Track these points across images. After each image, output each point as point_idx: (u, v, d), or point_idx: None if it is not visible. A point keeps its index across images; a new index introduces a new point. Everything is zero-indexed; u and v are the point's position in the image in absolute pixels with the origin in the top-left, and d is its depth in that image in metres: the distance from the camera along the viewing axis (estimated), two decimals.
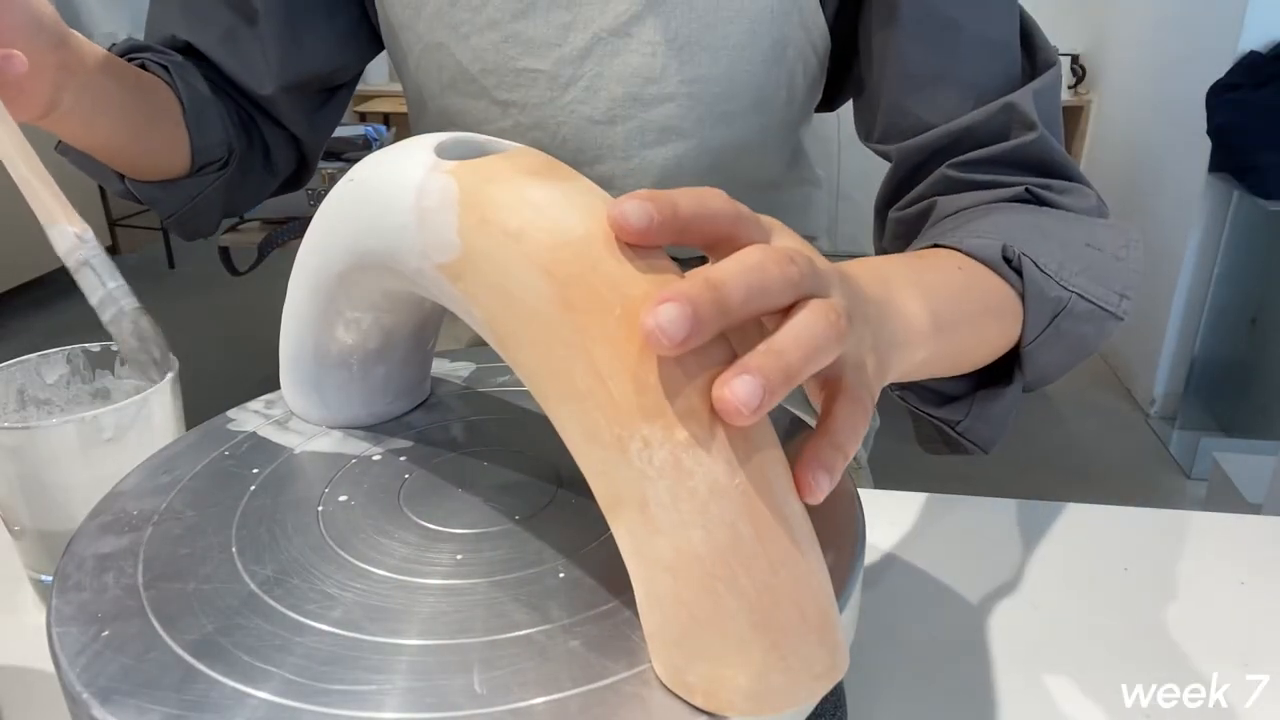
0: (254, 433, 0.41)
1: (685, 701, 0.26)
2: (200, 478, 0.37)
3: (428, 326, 0.42)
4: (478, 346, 0.72)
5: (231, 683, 0.27)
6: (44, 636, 0.30)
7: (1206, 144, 2.11)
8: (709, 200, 0.28)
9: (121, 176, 0.64)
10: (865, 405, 0.30)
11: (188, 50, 0.65)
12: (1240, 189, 2.08)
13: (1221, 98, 2.06)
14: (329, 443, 0.41)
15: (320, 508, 0.35)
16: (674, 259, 0.29)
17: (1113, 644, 0.48)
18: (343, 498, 0.36)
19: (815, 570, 0.26)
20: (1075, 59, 2.92)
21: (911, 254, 0.49)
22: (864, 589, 0.49)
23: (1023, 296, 0.47)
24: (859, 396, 0.30)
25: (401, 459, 0.39)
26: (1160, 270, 2.35)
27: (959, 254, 0.47)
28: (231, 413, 0.43)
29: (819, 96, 0.69)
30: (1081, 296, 0.48)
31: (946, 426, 0.51)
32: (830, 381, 0.31)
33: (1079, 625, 0.49)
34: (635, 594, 0.27)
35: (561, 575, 0.32)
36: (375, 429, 0.42)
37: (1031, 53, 0.57)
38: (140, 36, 0.67)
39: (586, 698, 0.26)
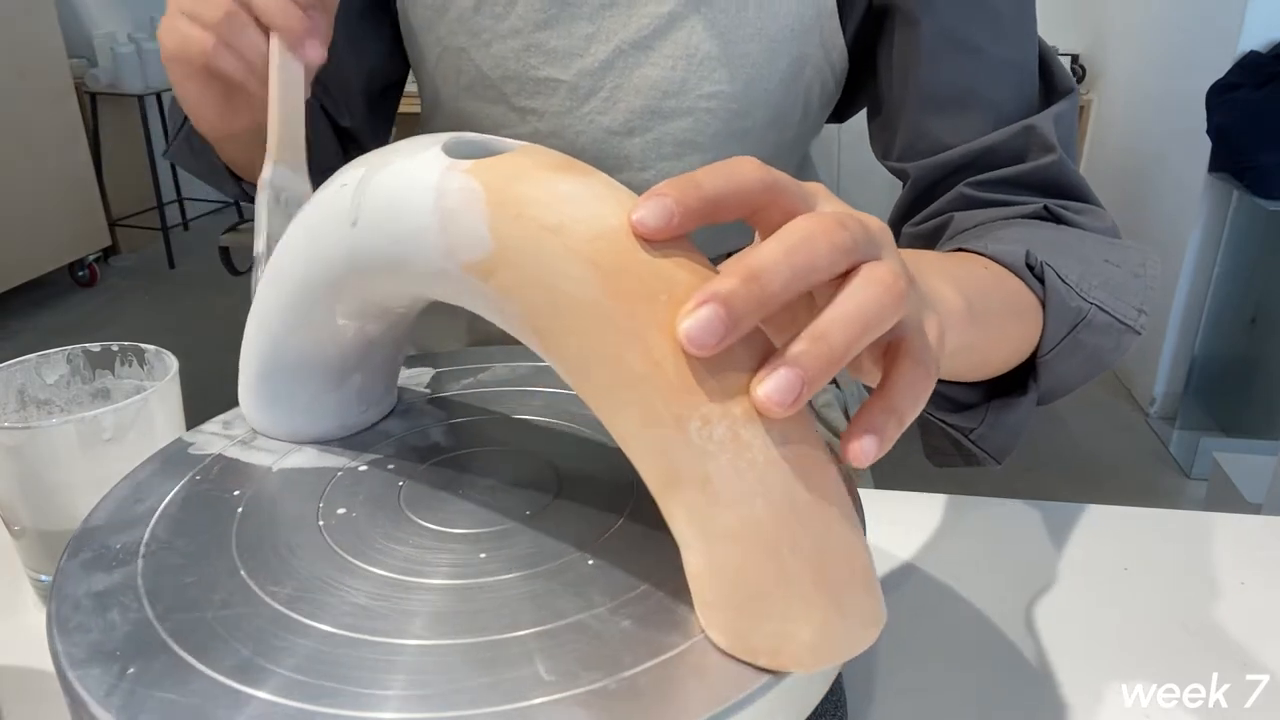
0: (220, 454, 0.40)
1: (749, 664, 0.27)
2: (177, 505, 0.36)
3: (406, 333, 0.41)
4: (479, 346, 0.72)
5: (319, 708, 0.26)
6: (44, 637, 0.30)
7: (1206, 144, 2.11)
8: (739, 174, 0.28)
9: (239, 180, 0.64)
10: (928, 368, 0.29)
11: None
12: (1240, 189, 2.08)
13: (1221, 98, 2.06)
14: (305, 458, 0.39)
15: (321, 522, 0.35)
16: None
17: (1113, 644, 0.48)
18: (341, 510, 0.36)
19: (856, 527, 0.28)
20: (1075, 59, 2.92)
21: (937, 252, 0.49)
22: None
23: (1044, 304, 0.47)
24: (922, 359, 0.29)
25: (389, 467, 0.39)
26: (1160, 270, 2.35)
27: (984, 257, 0.47)
28: (188, 436, 0.41)
29: (828, 114, 0.69)
30: (1101, 309, 0.48)
31: (960, 434, 0.51)
32: (892, 345, 0.29)
33: (1079, 625, 0.49)
34: (690, 569, 0.28)
35: (591, 563, 0.32)
36: (349, 441, 0.41)
37: (1049, 79, 0.57)
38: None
39: (653, 673, 0.27)
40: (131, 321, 3.16)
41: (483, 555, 0.33)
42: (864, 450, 0.27)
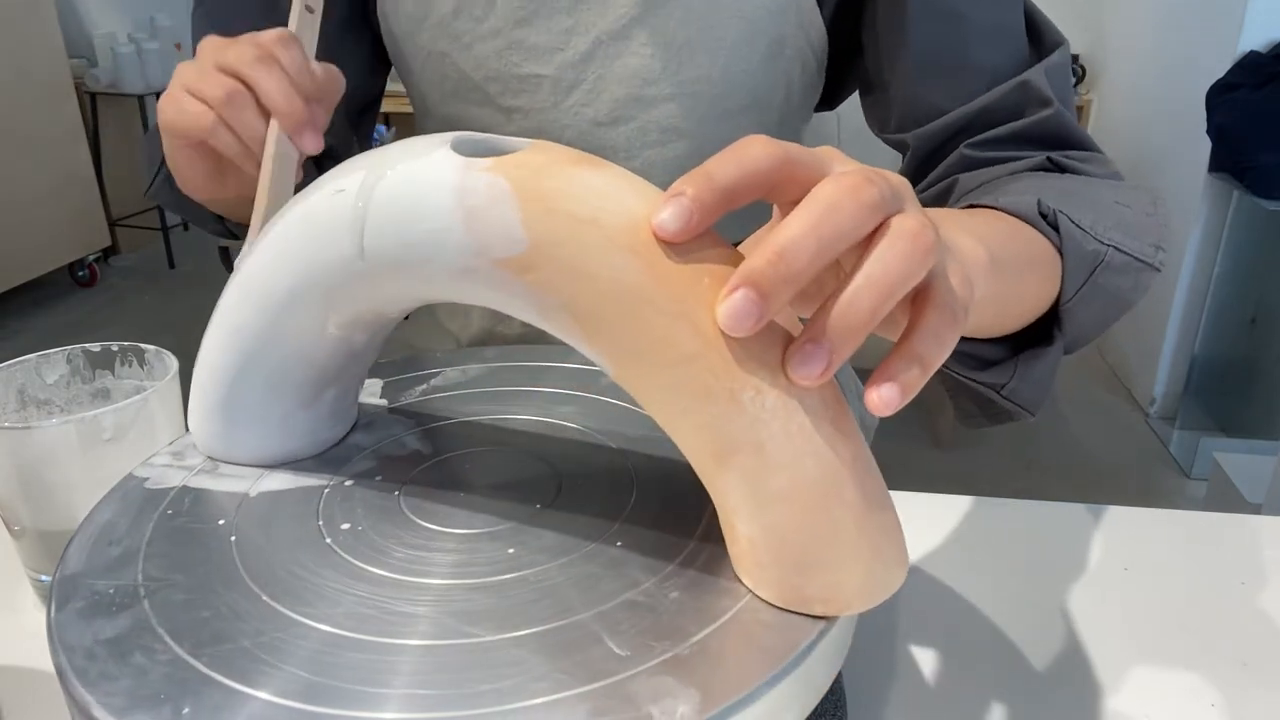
0: (185, 486, 0.38)
1: (803, 614, 0.29)
2: (159, 542, 0.34)
3: (384, 342, 0.41)
4: (478, 346, 0.72)
5: (381, 716, 0.26)
6: (44, 637, 0.30)
7: (1206, 144, 2.11)
8: (748, 156, 0.28)
9: (221, 219, 0.64)
10: (954, 314, 0.28)
11: None
12: (1240, 189, 2.08)
13: (1221, 98, 2.06)
14: (281, 481, 0.38)
15: (329, 540, 0.34)
16: None
17: (1113, 644, 0.48)
18: (345, 526, 0.35)
19: (879, 475, 0.30)
20: (1075, 59, 2.92)
21: (951, 209, 0.49)
22: None
23: (1060, 251, 0.47)
24: (948, 305, 0.28)
25: (377, 479, 0.38)
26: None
27: (996, 210, 0.48)
28: (139, 471, 0.39)
29: (818, 95, 0.69)
30: (1118, 249, 0.48)
31: (991, 390, 0.51)
32: (918, 294, 0.29)
33: (1079, 625, 0.49)
34: (740, 536, 0.29)
35: (619, 544, 0.33)
36: (321, 459, 0.40)
37: (1037, 37, 0.58)
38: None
39: (719, 635, 0.28)
40: (131, 321, 3.16)
41: (511, 550, 0.33)
42: (884, 399, 0.27)
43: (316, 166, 0.70)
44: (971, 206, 0.49)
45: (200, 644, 0.29)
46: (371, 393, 0.45)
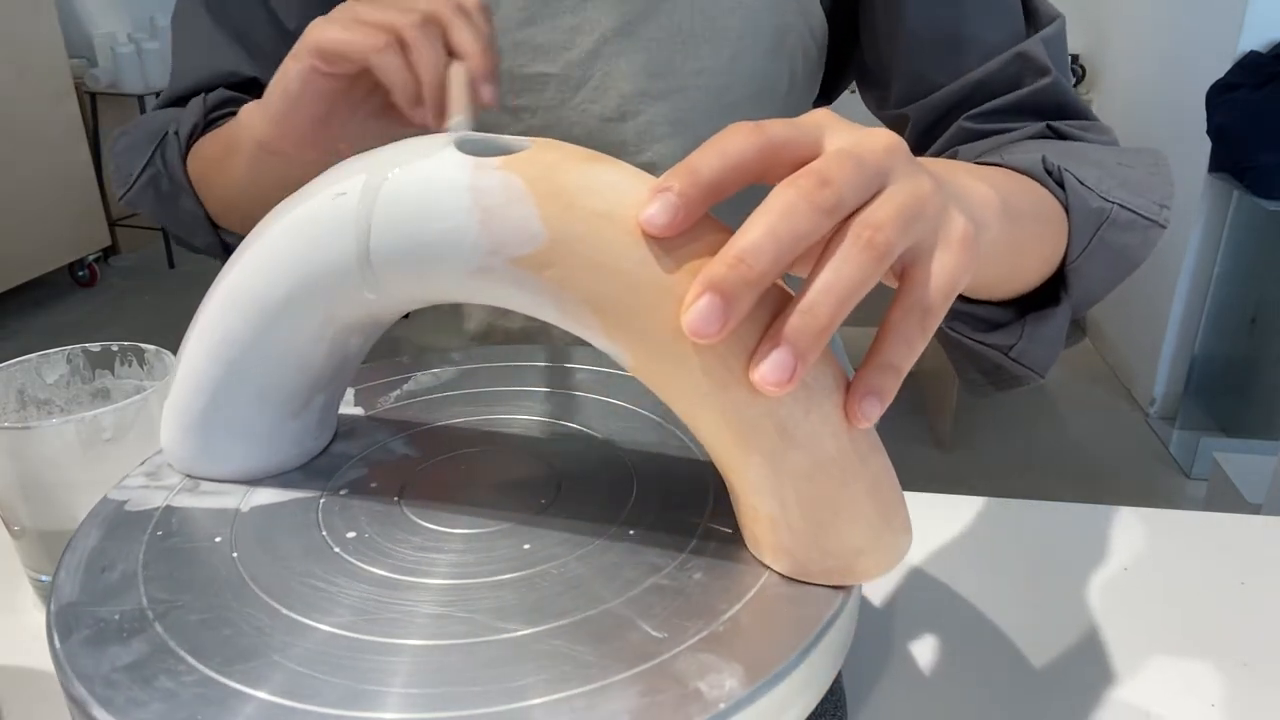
0: (168, 506, 0.36)
1: (823, 585, 0.31)
2: (157, 564, 0.33)
3: (371, 344, 0.40)
4: (478, 343, 0.72)
5: (410, 713, 0.26)
6: (44, 637, 0.30)
7: (1206, 144, 2.11)
8: (732, 149, 0.28)
9: (215, 228, 0.62)
10: (926, 309, 0.29)
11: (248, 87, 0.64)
12: (1240, 189, 2.08)
13: (1221, 98, 2.05)
14: (271, 494, 0.37)
15: (337, 549, 0.34)
16: None
17: (1113, 644, 0.48)
18: (350, 534, 0.34)
19: (883, 449, 0.32)
20: (1075, 59, 2.92)
21: (964, 162, 0.50)
22: (864, 589, 0.49)
23: (1066, 208, 0.48)
24: (919, 300, 0.29)
25: (372, 486, 0.38)
26: (1160, 270, 2.35)
27: (1002, 167, 0.48)
28: (114, 495, 0.37)
29: (818, 87, 0.70)
30: (1123, 206, 0.49)
31: (1000, 352, 0.51)
32: (904, 269, 0.29)
33: (1079, 625, 0.49)
34: (761, 516, 0.30)
35: (632, 533, 0.34)
36: (308, 470, 0.39)
37: (1032, 11, 0.58)
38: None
39: (750, 612, 0.30)
40: (131, 321, 3.15)
41: (526, 546, 0.33)
42: (865, 413, 0.28)
43: None
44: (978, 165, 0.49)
45: (228, 661, 0.28)
46: (345, 401, 0.44)
